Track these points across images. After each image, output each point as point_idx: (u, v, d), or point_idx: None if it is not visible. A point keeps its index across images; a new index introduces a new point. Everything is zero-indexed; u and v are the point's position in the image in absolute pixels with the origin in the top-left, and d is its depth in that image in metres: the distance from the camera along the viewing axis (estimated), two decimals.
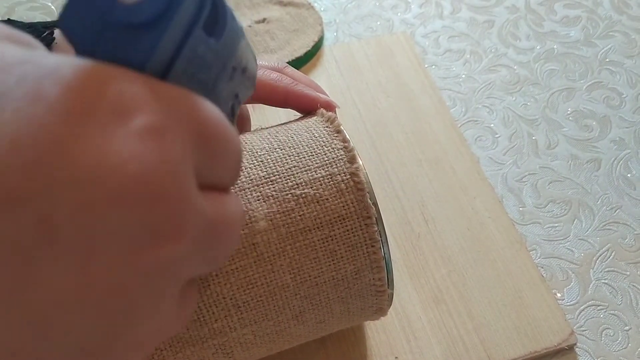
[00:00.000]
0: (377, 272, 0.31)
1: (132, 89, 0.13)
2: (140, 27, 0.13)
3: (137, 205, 0.12)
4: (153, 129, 0.13)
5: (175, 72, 0.15)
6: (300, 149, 0.32)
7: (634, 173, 0.50)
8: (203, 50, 0.16)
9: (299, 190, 0.30)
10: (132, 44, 0.14)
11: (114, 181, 0.12)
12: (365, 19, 0.62)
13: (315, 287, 0.31)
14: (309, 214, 0.30)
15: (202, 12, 0.15)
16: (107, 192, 0.12)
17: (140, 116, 0.13)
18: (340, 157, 0.32)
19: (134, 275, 0.13)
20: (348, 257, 0.31)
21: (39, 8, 0.62)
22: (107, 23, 0.13)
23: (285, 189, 0.30)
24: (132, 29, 0.13)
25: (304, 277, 0.30)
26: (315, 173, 0.31)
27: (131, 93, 0.13)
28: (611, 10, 0.63)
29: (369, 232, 0.31)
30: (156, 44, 0.14)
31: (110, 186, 0.12)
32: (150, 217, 0.13)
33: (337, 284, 0.31)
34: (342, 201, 0.31)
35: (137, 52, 0.14)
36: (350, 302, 0.32)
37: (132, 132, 0.13)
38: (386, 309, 0.34)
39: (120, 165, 0.12)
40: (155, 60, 0.14)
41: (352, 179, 0.31)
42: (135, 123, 0.13)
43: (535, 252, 0.45)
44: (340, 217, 0.30)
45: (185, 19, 0.15)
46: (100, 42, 0.14)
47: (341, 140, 0.32)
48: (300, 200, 0.30)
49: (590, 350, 0.41)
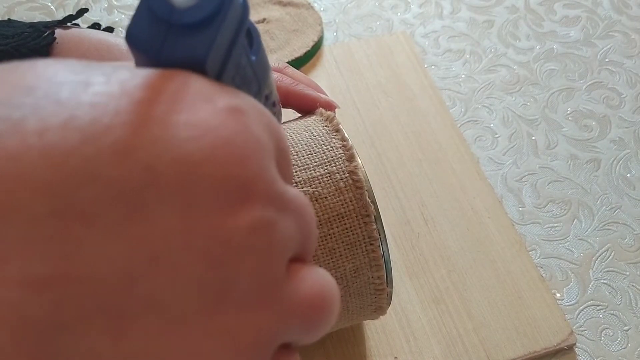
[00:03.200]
0: (376, 270, 0.31)
1: (205, 82, 0.15)
2: (198, 26, 0.16)
3: (226, 163, 0.14)
4: (237, 108, 0.15)
5: (226, 78, 0.17)
6: (299, 147, 0.32)
7: (633, 173, 0.50)
8: (245, 62, 0.18)
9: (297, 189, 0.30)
10: (192, 43, 0.16)
11: (206, 141, 0.14)
12: (365, 18, 0.62)
13: None
14: None
15: (245, 20, 0.17)
16: (200, 149, 0.14)
17: (222, 99, 0.15)
18: (339, 155, 0.32)
19: (232, 233, 0.14)
20: (347, 255, 0.31)
21: (38, 8, 0.62)
22: (168, 28, 0.16)
23: None
24: (191, 28, 0.16)
25: None
26: (313, 171, 0.31)
27: (207, 84, 0.15)
28: (611, 10, 0.63)
29: (367, 230, 0.31)
30: (214, 38, 0.16)
31: (203, 144, 0.14)
32: (238, 176, 0.14)
33: (336, 282, 0.31)
34: (341, 199, 0.31)
35: (197, 49, 0.16)
36: (349, 300, 0.32)
37: (218, 109, 0.15)
38: (385, 307, 0.34)
39: (210, 130, 0.14)
40: (212, 58, 0.16)
41: (350, 177, 0.31)
42: (220, 102, 0.15)
43: (534, 252, 0.45)
44: (339, 215, 0.30)
45: (234, 21, 0.17)
46: (165, 47, 0.16)
47: (340, 139, 0.33)
48: None
49: (589, 350, 0.41)
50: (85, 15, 0.62)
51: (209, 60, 0.16)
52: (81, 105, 0.13)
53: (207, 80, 0.16)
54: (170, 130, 0.14)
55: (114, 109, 0.13)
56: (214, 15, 0.16)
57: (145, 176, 0.13)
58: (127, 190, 0.13)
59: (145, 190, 0.13)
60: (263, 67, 0.20)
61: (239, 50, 0.17)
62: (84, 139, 0.13)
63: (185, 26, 0.16)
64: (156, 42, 0.16)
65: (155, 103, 0.14)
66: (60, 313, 0.12)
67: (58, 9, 0.62)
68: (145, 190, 0.13)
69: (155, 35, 0.16)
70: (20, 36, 0.36)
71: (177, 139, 0.14)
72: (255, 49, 0.19)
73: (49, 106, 0.13)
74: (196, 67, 0.16)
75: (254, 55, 0.19)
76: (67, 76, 0.14)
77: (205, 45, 0.16)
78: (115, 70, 0.15)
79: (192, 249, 0.13)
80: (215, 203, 0.14)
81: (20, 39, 0.36)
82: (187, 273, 0.13)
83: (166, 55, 0.16)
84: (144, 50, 0.16)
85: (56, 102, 0.13)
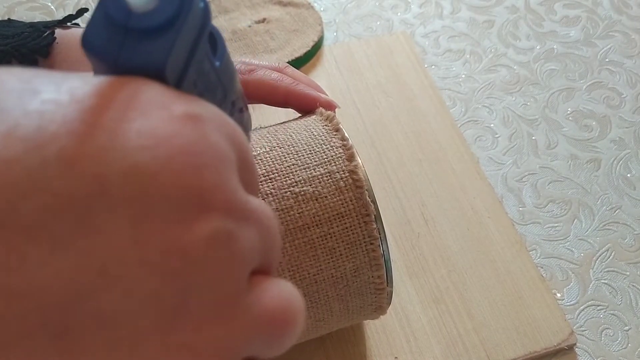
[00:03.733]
0: (376, 269, 0.31)
1: (161, 89, 0.15)
2: (156, 31, 0.15)
3: (182, 173, 0.13)
4: (193, 115, 0.14)
5: (188, 84, 0.16)
6: (299, 147, 0.32)
7: (633, 173, 0.50)
8: (208, 68, 0.18)
9: (297, 188, 0.31)
10: (150, 48, 0.15)
11: (160, 150, 0.13)
12: (365, 18, 0.62)
13: (314, 285, 0.31)
14: (308, 212, 0.30)
15: (207, 24, 0.17)
16: (153, 158, 0.13)
17: (179, 106, 0.14)
18: (339, 155, 0.32)
19: (189, 245, 0.13)
20: (347, 254, 0.31)
21: (38, 8, 0.62)
22: (125, 33, 0.15)
23: (284, 186, 0.31)
24: (149, 33, 0.15)
25: (303, 275, 0.30)
26: (314, 171, 0.31)
27: (164, 91, 0.15)
28: (611, 10, 0.63)
29: (367, 230, 0.31)
30: (172, 44, 0.15)
31: (156, 153, 0.13)
32: (195, 186, 0.14)
33: (336, 281, 0.31)
34: (341, 199, 0.31)
35: (155, 55, 0.15)
36: (349, 300, 0.32)
37: (174, 117, 0.14)
38: (385, 307, 0.34)
39: (165, 139, 0.13)
40: (172, 64, 0.15)
41: (350, 177, 0.31)
42: (176, 109, 0.14)
43: (535, 252, 0.45)
44: (339, 215, 0.30)
45: (194, 26, 0.16)
46: (122, 53, 0.15)
47: (340, 138, 0.33)
48: (299, 198, 0.30)
49: (589, 350, 0.41)
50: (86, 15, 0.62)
51: (168, 67, 0.15)
52: (27, 114, 0.13)
53: (163, 87, 0.15)
54: (121, 138, 0.13)
55: (61, 118, 0.13)
56: (173, 20, 0.15)
57: (93, 186, 0.13)
58: (75, 201, 0.12)
59: (94, 201, 0.13)
60: (228, 72, 0.20)
61: (200, 55, 0.17)
62: (28, 148, 0.12)
63: (142, 31, 0.15)
64: (113, 48, 0.15)
65: (106, 111, 0.13)
66: (1, 329, 0.12)
67: (58, 9, 0.62)
68: (93, 201, 0.13)
69: (112, 41, 0.15)
70: (20, 36, 0.36)
71: (128, 147, 0.13)
72: (220, 54, 0.19)
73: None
74: (155, 74, 0.15)
75: (218, 60, 0.19)
76: (14, 84, 0.14)
77: (164, 51, 0.15)
78: (66, 79, 0.14)
79: (146, 262, 0.13)
80: (170, 214, 0.13)
81: (20, 39, 0.36)
82: (141, 288, 0.13)
83: (123, 62, 0.15)
84: (100, 56, 0.15)
85: (0, 110, 0.13)
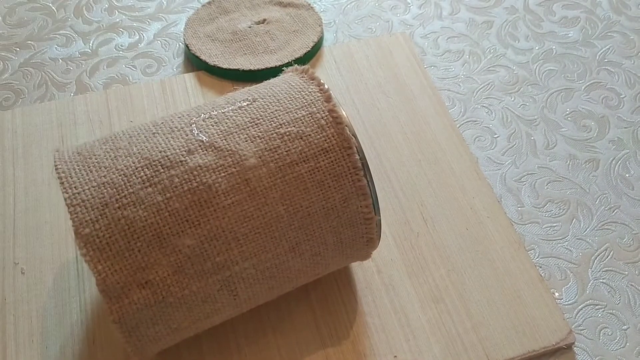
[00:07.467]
0: (363, 199, 0.34)
1: None
2: None
3: None
4: None
5: None
6: (280, 96, 0.35)
7: (632, 173, 0.50)
8: None
9: (282, 129, 0.33)
10: None
11: None
12: (364, 19, 0.62)
13: (307, 218, 0.33)
14: (295, 149, 0.33)
15: None
16: None
17: None
18: (318, 98, 0.35)
19: None
20: (335, 186, 0.33)
21: (39, 8, 0.62)
22: None
23: (270, 129, 0.33)
24: None
25: (296, 208, 0.33)
26: (296, 114, 0.34)
27: None
28: (610, 10, 0.64)
29: (351, 162, 0.33)
30: None
31: None
32: None
33: (328, 213, 0.33)
34: (324, 135, 0.34)
35: None
36: (341, 231, 0.35)
37: None
38: (376, 239, 0.36)
39: None
40: None
41: (330, 115, 0.34)
42: None
43: (533, 252, 0.45)
44: (324, 150, 0.33)
45: None
46: None
47: (316, 84, 0.36)
48: (285, 138, 0.33)
49: (588, 350, 0.41)
50: (86, 16, 0.62)
51: None
52: None
53: None
54: None
55: None
56: None
57: None
58: None
59: None
60: None
61: None
62: None
63: None
64: None
65: None
66: None
67: (59, 9, 0.62)
68: None
69: None
70: None
71: None
72: None
73: None
74: None
75: None
76: None
77: None
78: None
79: None
80: None
81: None
82: None
83: None
84: None
85: None
